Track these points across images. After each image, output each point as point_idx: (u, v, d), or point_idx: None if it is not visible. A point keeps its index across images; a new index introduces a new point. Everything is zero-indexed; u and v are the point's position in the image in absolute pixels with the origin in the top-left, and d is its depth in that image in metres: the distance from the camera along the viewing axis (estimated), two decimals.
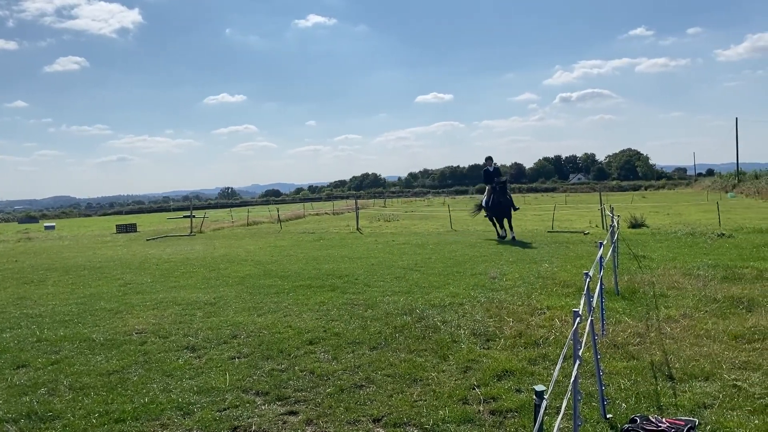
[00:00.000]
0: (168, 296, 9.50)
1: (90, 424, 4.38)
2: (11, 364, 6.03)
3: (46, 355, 6.27)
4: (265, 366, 5.63)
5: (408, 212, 39.25)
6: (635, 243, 14.48)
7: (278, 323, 7.29)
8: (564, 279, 9.54)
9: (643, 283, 8.89)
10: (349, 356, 5.87)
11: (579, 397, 3.37)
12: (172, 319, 7.73)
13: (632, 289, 8.42)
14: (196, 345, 6.43)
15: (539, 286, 9.06)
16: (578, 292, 8.40)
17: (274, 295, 9.26)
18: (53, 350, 6.47)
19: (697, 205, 33.00)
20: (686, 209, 29.88)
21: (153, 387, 5.13)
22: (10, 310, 8.97)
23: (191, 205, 41.60)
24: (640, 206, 32.40)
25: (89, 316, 8.23)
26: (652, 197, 54.88)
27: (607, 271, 8.82)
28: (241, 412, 4.53)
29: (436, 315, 7.38)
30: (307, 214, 41.70)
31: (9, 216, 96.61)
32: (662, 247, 13.60)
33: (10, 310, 8.91)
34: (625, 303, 7.69)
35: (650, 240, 15.20)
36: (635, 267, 10.63)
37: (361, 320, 7.29)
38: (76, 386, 5.22)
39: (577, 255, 12.81)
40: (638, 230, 18.35)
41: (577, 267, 10.86)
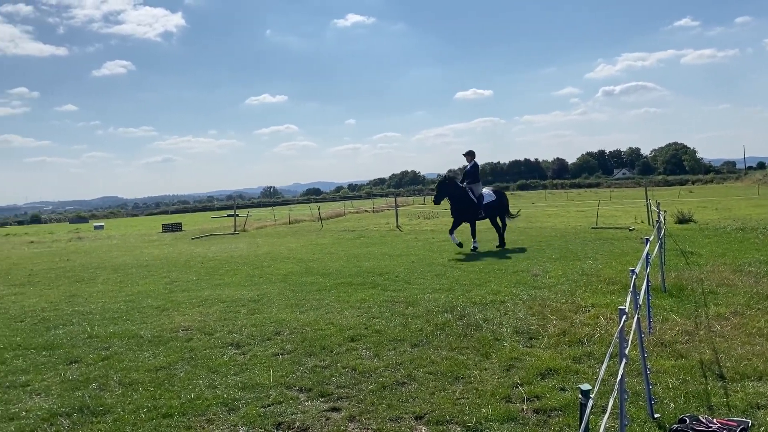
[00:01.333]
0: (213, 294, 9.68)
1: (139, 418, 4.49)
2: (64, 359, 6.23)
3: (96, 351, 6.46)
4: (308, 362, 5.68)
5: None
6: (682, 239, 14.11)
7: (320, 320, 7.35)
8: (609, 276, 9.36)
9: (692, 280, 8.65)
10: (391, 353, 5.88)
11: (625, 396, 3.30)
12: (217, 316, 7.87)
13: (680, 286, 8.21)
14: (240, 342, 6.54)
15: (583, 284, 8.91)
16: (624, 290, 8.23)
17: (315, 292, 9.34)
18: (103, 346, 6.66)
19: (748, 200, 31.95)
20: (736, 204, 28.95)
21: (199, 383, 5.23)
22: (63, 307, 9.27)
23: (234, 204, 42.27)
24: (688, 201, 31.54)
25: (137, 313, 8.44)
26: (700, 192, 53.36)
27: (654, 268, 8.63)
28: (285, 408, 4.59)
29: (478, 313, 7.33)
30: (347, 212, 41.91)
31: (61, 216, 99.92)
32: (711, 242, 13.22)
33: (62, 308, 9.20)
34: (673, 300, 7.50)
35: (698, 236, 14.79)
36: (683, 263, 10.36)
37: (402, 317, 7.29)
38: (126, 382, 5.36)
39: (622, 251, 12.55)
40: (686, 226, 17.87)
41: (622, 264, 10.64)
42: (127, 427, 4.35)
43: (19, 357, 6.41)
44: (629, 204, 33.54)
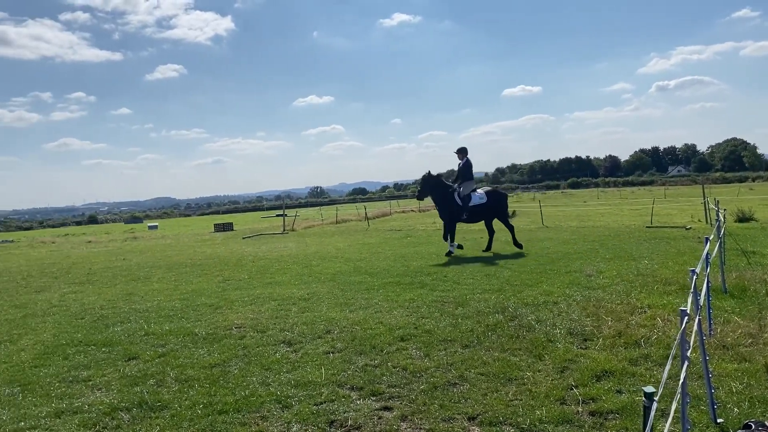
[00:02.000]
0: (264, 292, 9.83)
1: (195, 414, 4.59)
2: (123, 356, 6.42)
3: (153, 348, 6.63)
4: (359, 361, 5.70)
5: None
6: (743, 238, 13.60)
7: (370, 319, 7.37)
8: (665, 276, 9.09)
9: (754, 281, 8.32)
10: (441, 354, 5.84)
11: (687, 399, 3.19)
12: (269, 315, 7.98)
13: (742, 287, 7.90)
14: (292, 340, 6.61)
15: (639, 284, 8.68)
16: (681, 291, 7.99)
17: (364, 291, 9.37)
18: (160, 343, 6.83)
19: None
20: None
21: (252, 380, 5.31)
22: (121, 305, 9.56)
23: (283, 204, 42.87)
24: (748, 199, 30.39)
25: (192, 311, 8.64)
26: (761, 189, 51.35)
27: (714, 268, 8.34)
28: (337, 407, 4.61)
29: (530, 314, 7.23)
30: (393, 211, 41.96)
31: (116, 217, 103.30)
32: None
33: (120, 306, 9.49)
34: (735, 302, 7.23)
35: (760, 235, 14.23)
36: (744, 263, 9.98)
37: (452, 318, 7.24)
38: (182, 378, 5.49)
39: (678, 251, 12.18)
40: (746, 224, 17.22)
41: (679, 264, 10.32)
42: (184, 422, 4.45)
43: (80, 353, 6.64)
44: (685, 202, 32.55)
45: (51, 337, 7.54)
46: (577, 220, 23.64)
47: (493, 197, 14.39)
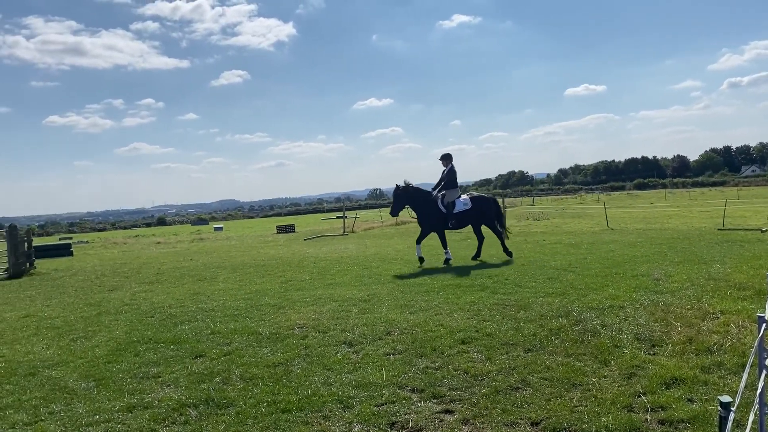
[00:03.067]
0: (325, 293, 9.95)
1: (260, 412, 4.68)
2: (190, 353, 6.62)
3: (219, 347, 6.81)
4: (420, 363, 5.69)
5: (558, 210, 37.94)
6: None
7: (430, 321, 7.35)
8: (739, 281, 8.70)
9: None
10: (503, 357, 5.77)
11: (766, 410, 3.04)
12: (330, 315, 8.07)
13: None
14: (353, 340, 6.66)
15: (710, 289, 8.33)
16: (757, 296, 7.62)
17: (424, 293, 9.35)
18: (225, 342, 7.01)
19: None
20: None
21: (315, 380, 5.38)
22: (188, 304, 9.86)
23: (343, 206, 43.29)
24: None
25: (255, 311, 8.82)
26: None
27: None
28: (398, 408, 4.62)
29: (595, 318, 7.04)
30: None
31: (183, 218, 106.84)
32: None
33: (187, 305, 9.79)
34: None
35: None
36: None
37: (514, 321, 7.14)
38: (246, 376, 5.62)
39: (753, 255, 11.62)
40: None
41: (754, 268, 9.85)
42: (249, 420, 4.55)
43: (150, 350, 6.88)
44: (760, 203, 31.06)
45: (123, 334, 7.85)
46: (644, 222, 22.92)
47: (477, 203, 13.87)
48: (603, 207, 26.45)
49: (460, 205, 13.62)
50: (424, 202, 13.60)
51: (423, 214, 13.70)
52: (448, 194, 13.56)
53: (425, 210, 13.63)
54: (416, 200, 13.66)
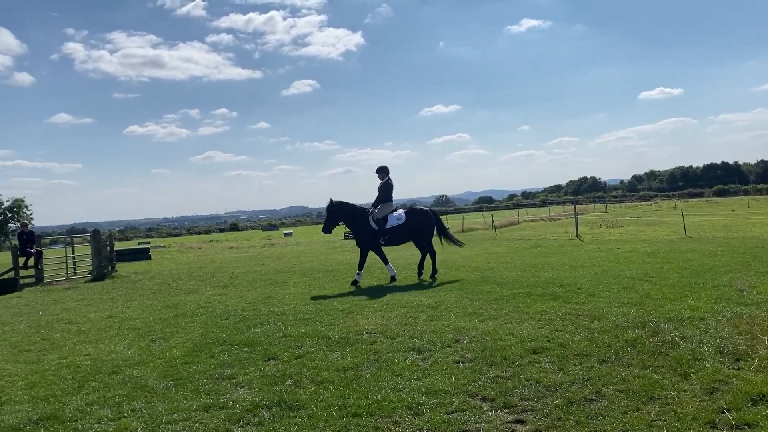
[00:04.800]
0: (393, 299, 9.98)
1: (330, 416, 4.74)
2: (263, 356, 6.77)
3: (290, 350, 6.93)
4: (490, 372, 5.62)
5: (633, 218, 36.71)
6: None
7: (500, 330, 7.25)
8: None
9: None
10: (577, 368, 5.62)
11: None
12: (398, 321, 8.09)
13: None
14: (421, 347, 6.65)
15: None
16: None
17: (493, 301, 9.23)
18: (296, 345, 7.13)
19: None
20: None
21: (384, 385, 5.40)
22: (260, 308, 10.10)
23: None
24: None
25: (325, 315, 8.94)
26: None
27: None
28: (469, 417, 4.57)
29: (674, 330, 6.76)
30: (521, 220, 41.08)
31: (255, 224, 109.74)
32: None
33: (259, 308, 10.03)
34: None
35: None
36: None
37: (588, 331, 6.95)
38: (317, 380, 5.69)
39: None
40: None
41: None
42: (320, 423, 4.61)
43: (225, 352, 7.08)
44: None
45: (199, 336, 8.11)
46: (724, 231, 21.87)
47: (412, 217, 13.13)
48: (680, 214, 25.39)
49: (393, 220, 12.93)
50: (356, 219, 13.08)
51: (356, 231, 13.26)
52: (380, 209, 12.94)
53: (358, 227, 13.10)
54: (349, 217, 13.18)
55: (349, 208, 13.11)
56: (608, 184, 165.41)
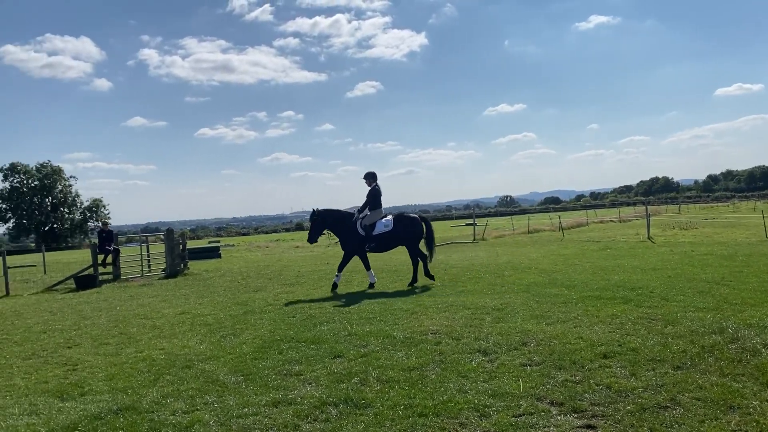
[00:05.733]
0: (457, 300, 9.92)
1: (396, 415, 4.76)
2: (329, 353, 6.86)
3: (356, 348, 7.00)
4: (558, 376, 5.51)
5: (708, 219, 35.17)
6: None
7: (568, 333, 7.09)
8: None
9: None
10: (650, 374, 5.44)
11: None
12: (463, 322, 8.04)
13: None
14: (487, 349, 6.58)
15: None
16: None
17: (561, 304, 9.04)
18: (362, 344, 7.20)
19: None
20: None
21: (450, 386, 5.38)
22: (326, 306, 10.24)
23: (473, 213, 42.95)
24: None
25: (389, 314, 8.98)
26: None
27: None
28: (537, 420, 4.50)
29: (755, 336, 6.45)
30: (590, 221, 40.05)
31: None
32: None
33: (325, 306, 10.17)
34: None
35: None
36: None
37: (661, 336, 6.71)
38: (383, 378, 5.73)
39: None
40: None
41: None
42: (386, 421, 4.64)
43: (292, 349, 7.22)
44: None
45: (267, 332, 8.30)
46: None
47: (400, 223, 12.91)
48: (761, 216, 24.13)
49: (380, 227, 12.80)
50: (342, 225, 13.03)
51: (343, 237, 13.17)
52: (369, 216, 12.86)
53: (344, 233, 13.03)
54: (334, 223, 13.15)
55: (334, 215, 13.12)
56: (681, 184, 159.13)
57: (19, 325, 10.56)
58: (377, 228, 12.77)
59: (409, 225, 13.01)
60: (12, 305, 14.08)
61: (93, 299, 14.04)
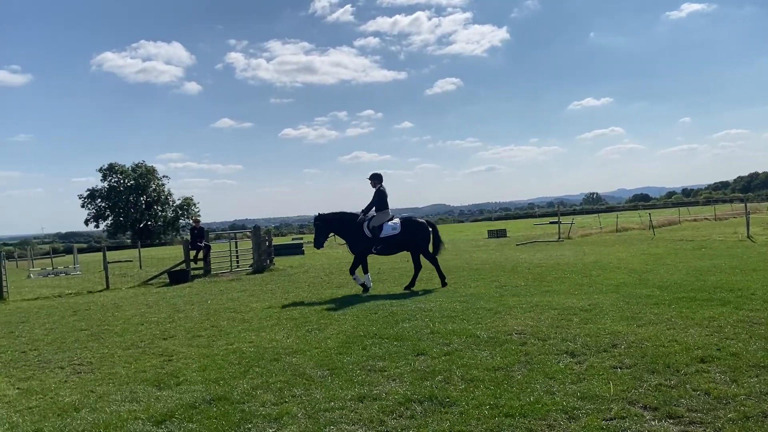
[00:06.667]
0: (542, 300, 9.70)
1: (482, 414, 4.71)
2: (412, 351, 6.87)
3: (439, 346, 6.98)
4: (651, 380, 5.28)
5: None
6: None
7: (661, 336, 6.79)
8: None
9: None
10: (753, 380, 5.12)
11: None
12: (549, 323, 7.85)
13: None
14: (575, 350, 6.41)
15: None
16: None
17: (653, 306, 8.67)
18: (445, 342, 7.17)
19: None
20: None
21: (536, 387, 5.27)
22: (407, 303, 10.27)
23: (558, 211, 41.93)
24: None
25: (472, 313, 8.90)
26: None
27: None
28: (629, 425, 4.33)
29: None
30: (682, 219, 38.20)
31: None
32: None
33: (407, 304, 10.21)
34: None
35: None
36: None
37: (765, 341, 6.30)
38: (467, 378, 5.68)
39: None
40: None
41: None
42: (472, 420, 4.60)
43: (375, 345, 7.29)
44: None
45: (351, 328, 8.42)
46: None
47: (408, 228, 12.64)
48: None
49: (387, 229, 12.56)
50: (348, 227, 12.89)
51: (349, 239, 13.02)
52: (376, 217, 12.63)
53: (351, 235, 12.90)
54: (339, 226, 13.10)
55: (337, 218, 13.06)
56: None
57: (119, 317, 11.21)
58: (385, 230, 12.65)
59: (419, 229, 12.92)
60: (112, 298, 14.99)
61: (185, 293, 14.71)
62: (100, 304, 13.55)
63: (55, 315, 12.17)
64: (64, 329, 10.16)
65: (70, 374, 6.97)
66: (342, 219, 13.00)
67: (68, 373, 7.01)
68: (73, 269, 28.99)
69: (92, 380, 6.58)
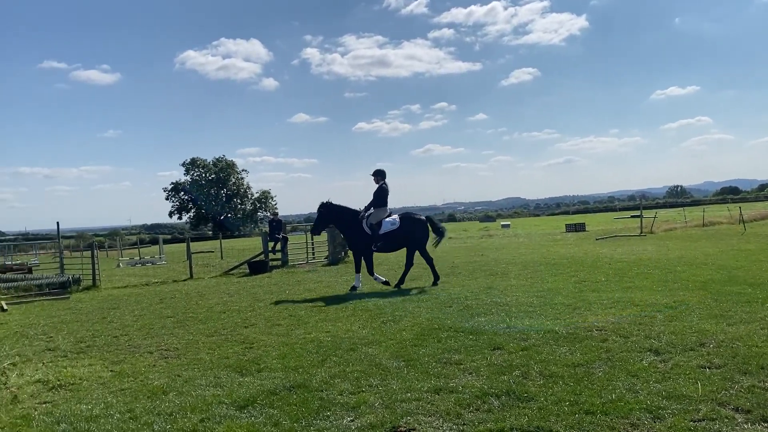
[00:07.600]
0: (624, 296, 9.40)
1: (562, 411, 4.61)
2: (488, 345, 6.81)
3: (515, 341, 6.88)
4: (743, 381, 5.02)
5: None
6: None
7: (754, 335, 6.45)
8: None
9: None
10: None
11: None
12: (631, 320, 7.60)
13: None
14: (659, 348, 6.17)
15: None
16: None
17: (744, 304, 8.24)
18: (521, 337, 7.06)
19: None
20: None
21: (618, 385, 5.11)
22: (482, 297, 10.19)
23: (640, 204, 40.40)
24: None
25: (549, 309, 8.73)
26: None
27: None
28: (720, 427, 4.14)
29: None
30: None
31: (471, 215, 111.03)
32: None
33: (482, 298, 10.12)
34: None
35: None
36: None
37: None
38: (546, 373, 5.58)
39: None
40: None
41: None
42: (551, 416, 4.51)
43: (451, 338, 7.27)
44: None
45: (425, 320, 8.44)
46: None
47: (407, 224, 12.60)
48: None
49: (387, 226, 12.46)
50: (348, 222, 12.72)
51: (348, 235, 12.93)
52: (374, 214, 12.53)
53: (350, 231, 12.75)
54: (340, 220, 12.88)
55: (340, 211, 12.87)
56: None
57: (202, 305, 11.68)
58: (384, 227, 12.56)
59: (418, 225, 12.89)
60: (195, 287, 15.62)
61: (264, 283, 15.16)
62: (185, 293, 14.16)
63: (143, 302, 12.80)
64: (151, 316, 10.68)
65: (158, 359, 7.31)
66: (342, 213, 12.95)
67: (156, 358, 7.36)
68: (158, 259, 30.43)
69: (179, 365, 6.89)
